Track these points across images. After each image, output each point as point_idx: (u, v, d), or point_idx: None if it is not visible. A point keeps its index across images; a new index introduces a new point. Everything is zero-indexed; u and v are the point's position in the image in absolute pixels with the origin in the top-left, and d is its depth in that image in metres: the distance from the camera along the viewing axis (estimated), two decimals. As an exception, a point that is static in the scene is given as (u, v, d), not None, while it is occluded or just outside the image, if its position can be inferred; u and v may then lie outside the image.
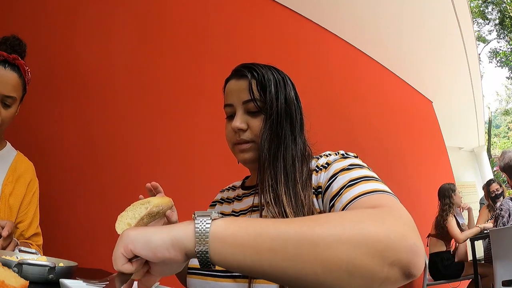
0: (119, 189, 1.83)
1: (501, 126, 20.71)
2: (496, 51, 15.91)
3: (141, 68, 2.05)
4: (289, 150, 0.74)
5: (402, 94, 4.78)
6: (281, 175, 0.71)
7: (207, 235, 0.43)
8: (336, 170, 0.66)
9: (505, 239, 2.34)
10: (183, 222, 0.46)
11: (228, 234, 0.43)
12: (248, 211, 0.80)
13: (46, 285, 0.66)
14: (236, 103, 0.78)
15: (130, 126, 1.96)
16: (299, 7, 3.11)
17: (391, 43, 3.98)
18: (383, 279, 0.40)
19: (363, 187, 0.57)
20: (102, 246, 1.77)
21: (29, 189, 1.15)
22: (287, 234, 0.41)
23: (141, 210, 0.69)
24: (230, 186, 0.97)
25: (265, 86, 0.76)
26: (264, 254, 0.41)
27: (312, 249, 0.39)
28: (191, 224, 0.45)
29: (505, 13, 14.91)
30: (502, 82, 20.45)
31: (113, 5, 1.99)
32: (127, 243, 0.44)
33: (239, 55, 2.35)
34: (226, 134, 0.82)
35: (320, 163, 0.72)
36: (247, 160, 0.78)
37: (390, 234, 0.40)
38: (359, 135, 3.44)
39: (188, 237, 0.44)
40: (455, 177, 5.80)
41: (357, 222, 0.42)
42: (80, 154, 1.79)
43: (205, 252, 0.43)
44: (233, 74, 0.82)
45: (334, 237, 0.40)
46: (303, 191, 0.69)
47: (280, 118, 0.75)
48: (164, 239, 0.44)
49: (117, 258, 0.45)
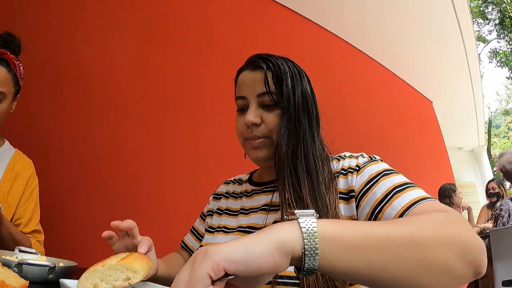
0: (119, 189, 1.83)
1: (501, 126, 20.71)
2: (496, 51, 15.91)
3: (142, 67, 2.04)
4: (309, 148, 0.70)
5: (402, 94, 4.78)
6: (304, 174, 0.67)
7: (316, 235, 0.38)
8: (372, 174, 0.64)
9: (505, 239, 2.34)
10: (278, 224, 0.40)
11: (336, 234, 0.39)
12: (259, 210, 0.76)
13: (46, 285, 0.66)
14: (250, 96, 0.73)
15: (131, 125, 1.96)
16: (301, 8, 3.11)
17: (391, 43, 3.97)
18: (461, 277, 0.43)
19: (413, 193, 0.57)
20: (102, 246, 1.77)
21: (27, 186, 1.13)
22: (393, 235, 0.41)
23: (117, 276, 0.54)
24: (235, 179, 0.92)
25: (281, 79, 0.71)
26: (372, 255, 0.39)
27: (416, 250, 0.41)
28: (294, 223, 0.39)
29: (505, 13, 14.90)
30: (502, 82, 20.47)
31: (115, 4, 1.99)
32: (218, 260, 0.35)
33: (240, 55, 2.34)
34: (236, 128, 0.77)
35: (347, 166, 0.69)
36: (260, 158, 0.74)
37: (468, 236, 0.44)
38: (359, 135, 3.44)
39: (295, 238, 0.38)
40: (455, 177, 5.80)
41: (443, 225, 0.44)
42: (81, 154, 1.79)
43: (315, 255, 0.38)
44: (247, 64, 0.77)
45: (432, 238, 0.42)
46: (327, 194, 0.65)
47: (298, 113, 0.71)
48: (267, 245, 0.37)
49: (198, 281, 0.34)
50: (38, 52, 1.72)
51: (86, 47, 1.86)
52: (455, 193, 3.45)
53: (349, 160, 0.70)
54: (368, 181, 0.64)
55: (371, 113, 3.87)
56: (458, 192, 3.53)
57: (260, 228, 0.68)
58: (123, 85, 1.98)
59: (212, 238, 0.81)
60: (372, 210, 0.61)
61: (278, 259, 0.37)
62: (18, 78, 1.06)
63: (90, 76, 1.86)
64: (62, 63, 1.80)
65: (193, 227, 0.95)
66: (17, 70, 1.05)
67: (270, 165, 0.74)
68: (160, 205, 1.94)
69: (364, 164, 0.67)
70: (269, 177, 0.80)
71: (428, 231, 0.42)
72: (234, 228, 0.78)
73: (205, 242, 0.83)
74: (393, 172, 0.64)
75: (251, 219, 0.76)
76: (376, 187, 0.62)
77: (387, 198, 0.59)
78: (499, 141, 19.54)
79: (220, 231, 0.81)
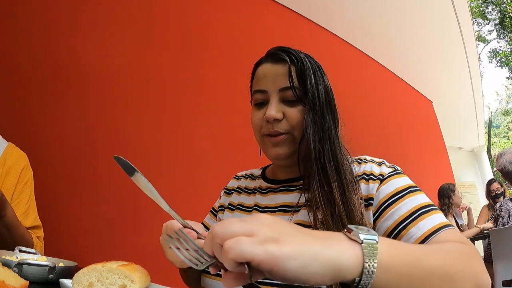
0: (120, 189, 1.83)
1: (501, 126, 20.72)
2: (496, 51, 15.92)
3: (141, 66, 2.04)
4: (336, 146, 0.68)
5: (402, 94, 4.78)
6: (333, 174, 0.65)
7: (375, 265, 0.37)
8: (398, 188, 0.63)
9: (505, 239, 2.34)
10: (340, 241, 0.38)
11: (391, 263, 0.39)
12: (277, 210, 0.73)
13: (46, 285, 0.66)
14: (271, 90, 0.70)
15: (131, 124, 1.96)
16: (301, 8, 3.11)
17: (391, 43, 3.98)
18: None
19: (437, 218, 0.59)
20: (102, 246, 1.78)
21: (20, 180, 1.09)
22: (434, 267, 0.43)
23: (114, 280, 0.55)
24: (247, 174, 0.88)
25: (305, 74, 0.69)
26: (415, 283, 0.41)
27: (449, 283, 0.43)
28: (357, 249, 0.37)
29: (505, 13, 14.91)
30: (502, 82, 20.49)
31: (115, 4, 1.99)
32: (270, 259, 0.33)
33: (241, 55, 2.35)
34: (253, 122, 0.73)
35: (369, 171, 0.67)
36: (280, 156, 0.70)
37: (483, 272, 0.48)
38: (359, 135, 3.43)
39: (355, 266, 0.36)
40: (455, 177, 5.80)
41: (467, 259, 0.48)
42: (80, 153, 1.79)
43: (368, 283, 0.37)
44: (268, 56, 0.74)
45: (461, 273, 0.45)
46: (354, 195, 0.63)
47: (322, 109, 0.69)
48: (326, 267, 0.35)
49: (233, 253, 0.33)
50: (38, 52, 1.72)
51: (86, 45, 1.86)
52: (454, 193, 3.45)
53: (371, 165, 0.69)
54: (394, 194, 0.63)
55: (371, 113, 3.87)
56: (457, 192, 3.52)
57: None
58: (122, 83, 1.98)
59: None
60: (395, 225, 0.61)
61: (328, 281, 0.35)
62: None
63: (90, 74, 1.86)
64: (62, 62, 1.79)
65: (202, 223, 0.91)
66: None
67: (289, 163, 0.72)
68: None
69: (389, 175, 0.66)
70: (284, 176, 0.77)
71: (458, 265, 0.46)
72: None
73: None
74: (418, 190, 0.64)
75: None
76: (401, 203, 0.61)
77: (413, 217, 0.59)
78: (499, 141, 19.55)
79: None
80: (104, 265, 0.56)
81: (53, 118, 1.74)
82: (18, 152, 1.13)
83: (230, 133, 2.28)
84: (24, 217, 1.08)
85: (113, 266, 0.55)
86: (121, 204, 1.83)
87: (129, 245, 1.72)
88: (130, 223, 1.83)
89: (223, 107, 2.31)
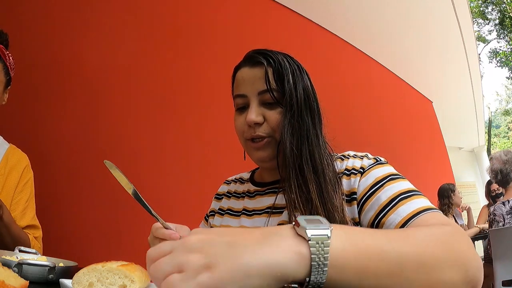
0: (120, 189, 1.83)
1: (501, 126, 20.72)
2: (496, 51, 15.90)
3: (142, 67, 2.04)
4: (314, 146, 0.67)
5: (402, 94, 4.78)
6: (310, 175, 0.64)
7: (326, 264, 0.34)
8: (377, 178, 0.63)
9: (505, 239, 2.34)
10: (287, 236, 0.35)
11: (349, 261, 0.35)
12: (264, 212, 0.74)
13: (46, 285, 0.65)
14: (250, 94, 0.70)
15: (133, 125, 1.96)
16: (302, 8, 3.11)
17: (391, 43, 3.98)
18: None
19: (418, 202, 0.56)
20: (102, 246, 1.78)
21: (21, 179, 1.11)
22: (406, 257, 0.38)
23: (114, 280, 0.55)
24: (237, 178, 0.89)
25: (282, 75, 0.68)
26: (383, 279, 0.37)
27: (424, 274, 0.38)
28: (303, 245, 0.34)
29: (505, 13, 14.90)
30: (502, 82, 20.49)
31: (117, 5, 1.99)
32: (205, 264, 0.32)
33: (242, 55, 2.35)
34: (236, 127, 0.74)
35: (350, 166, 0.67)
36: (264, 158, 0.71)
37: (469, 254, 0.42)
38: (359, 135, 3.44)
39: (301, 267, 0.33)
40: (455, 177, 5.80)
41: (448, 243, 0.42)
42: (81, 154, 1.79)
43: (320, 284, 0.34)
44: (246, 60, 0.74)
45: (440, 259, 0.40)
46: (334, 195, 0.63)
47: (300, 110, 0.68)
48: (263, 275, 0.32)
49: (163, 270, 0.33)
50: (39, 52, 1.72)
51: (87, 46, 1.86)
52: (454, 193, 3.45)
53: (353, 161, 0.68)
54: (373, 185, 0.62)
55: (371, 113, 3.87)
56: (457, 192, 3.52)
57: None
58: (123, 84, 1.98)
59: None
60: (376, 215, 0.60)
61: (266, 285, 0.33)
62: (8, 68, 1.05)
63: (91, 75, 1.86)
64: (63, 62, 1.79)
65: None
66: (7, 60, 1.04)
67: (273, 166, 0.72)
68: (161, 206, 1.93)
69: (370, 167, 0.65)
70: (271, 178, 0.78)
71: (436, 251, 0.40)
72: None
73: None
74: (399, 177, 0.63)
75: (256, 222, 0.74)
76: (381, 192, 0.61)
77: (392, 204, 0.58)
78: (499, 141, 19.55)
79: None
80: (104, 265, 0.56)
81: (53, 118, 1.74)
82: (20, 153, 1.16)
83: (232, 133, 2.28)
84: (22, 216, 1.09)
85: (113, 266, 0.56)
86: (121, 204, 1.83)
87: (129, 245, 1.72)
88: (130, 223, 1.83)
89: (224, 108, 2.31)
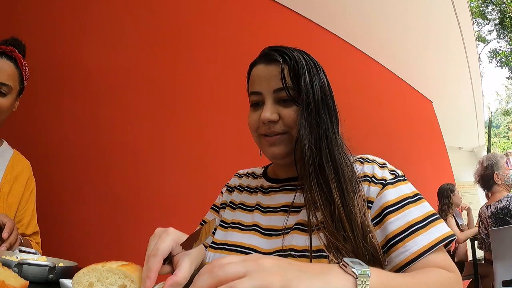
0: (120, 189, 1.83)
1: (501, 126, 20.73)
2: (496, 51, 15.91)
3: (143, 68, 2.04)
4: (333, 145, 0.66)
5: (402, 94, 4.78)
6: (332, 174, 0.64)
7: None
8: (396, 199, 0.63)
9: (505, 239, 2.34)
10: (339, 272, 0.43)
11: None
12: (279, 210, 0.73)
13: (46, 285, 0.65)
14: (265, 91, 0.70)
15: (133, 126, 1.96)
16: (302, 9, 3.11)
17: (391, 43, 3.97)
18: None
19: (429, 235, 0.60)
20: (102, 246, 1.77)
21: (26, 188, 1.15)
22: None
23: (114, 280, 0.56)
24: (249, 172, 0.88)
25: (299, 73, 0.68)
26: None
27: None
28: (352, 282, 0.42)
29: (505, 13, 14.91)
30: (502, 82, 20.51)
31: (117, 6, 1.99)
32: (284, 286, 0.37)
33: (243, 56, 2.35)
34: (250, 123, 0.73)
35: (371, 173, 0.67)
36: (278, 155, 0.70)
37: None
38: (359, 135, 3.43)
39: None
40: (455, 177, 5.80)
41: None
42: (81, 154, 1.79)
43: None
44: (262, 57, 0.73)
45: None
46: (355, 196, 0.62)
47: (318, 108, 0.67)
48: None
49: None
50: (39, 53, 1.71)
51: (89, 48, 1.86)
52: (453, 193, 3.46)
53: (373, 167, 0.68)
54: (391, 205, 0.63)
55: (371, 113, 3.87)
56: (457, 192, 3.53)
57: (281, 230, 0.68)
58: (124, 85, 1.98)
59: (226, 234, 0.77)
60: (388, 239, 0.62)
61: None
62: (23, 77, 1.10)
63: (92, 77, 1.86)
64: (64, 64, 1.79)
65: (204, 220, 0.90)
66: (23, 69, 1.10)
67: (287, 162, 0.71)
68: (162, 206, 1.94)
69: (390, 182, 0.65)
70: (285, 175, 0.77)
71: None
72: (249, 225, 0.75)
73: (218, 238, 0.78)
74: (417, 199, 0.64)
75: (271, 221, 0.73)
76: (400, 214, 0.62)
77: (403, 235, 0.61)
78: (499, 141, 19.56)
79: (235, 228, 0.77)
80: (104, 265, 0.55)
81: (53, 119, 1.74)
82: (24, 160, 1.20)
83: (232, 133, 2.28)
84: (28, 224, 1.15)
85: (113, 266, 0.55)
86: (121, 204, 1.83)
87: (129, 245, 1.72)
88: (130, 223, 1.83)
89: (224, 108, 2.31)
